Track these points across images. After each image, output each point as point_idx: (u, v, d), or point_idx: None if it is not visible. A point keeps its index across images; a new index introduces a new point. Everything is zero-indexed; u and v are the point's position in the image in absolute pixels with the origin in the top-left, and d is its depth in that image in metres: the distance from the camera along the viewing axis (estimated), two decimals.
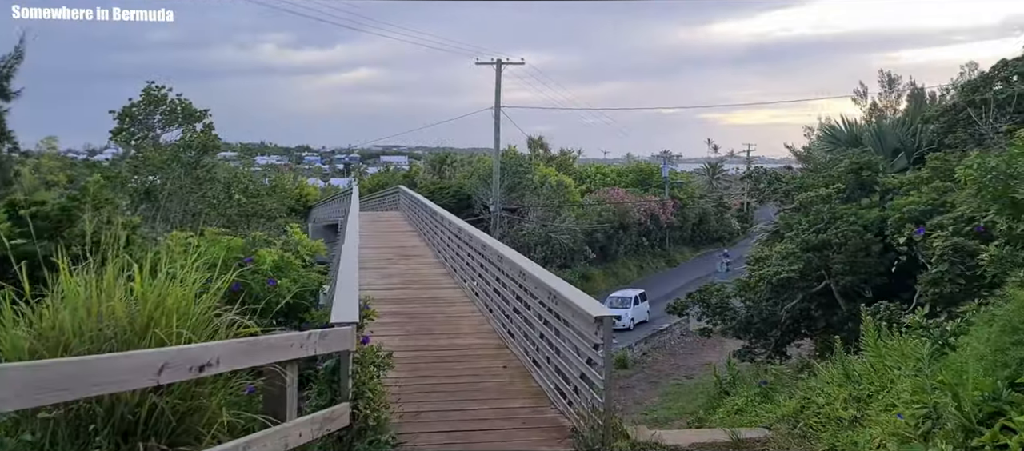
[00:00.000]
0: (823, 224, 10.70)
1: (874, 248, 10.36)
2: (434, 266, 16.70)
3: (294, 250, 8.61)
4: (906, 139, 14.91)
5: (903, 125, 15.20)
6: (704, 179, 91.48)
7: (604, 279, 53.85)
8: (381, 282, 14.53)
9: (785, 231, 12.10)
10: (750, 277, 11.76)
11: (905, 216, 9.49)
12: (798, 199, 11.44)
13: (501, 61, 38.51)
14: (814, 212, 11.00)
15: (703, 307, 13.47)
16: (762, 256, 11.45)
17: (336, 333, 5.20)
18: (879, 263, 10.39)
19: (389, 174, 66.27)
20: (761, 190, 15.00)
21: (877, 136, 15.61)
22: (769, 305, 11.99)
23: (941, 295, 8.36)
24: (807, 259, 10.63)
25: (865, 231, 10.50)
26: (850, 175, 11.48)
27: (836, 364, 6.46)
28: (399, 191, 33.72)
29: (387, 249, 19.74)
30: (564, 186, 53.54)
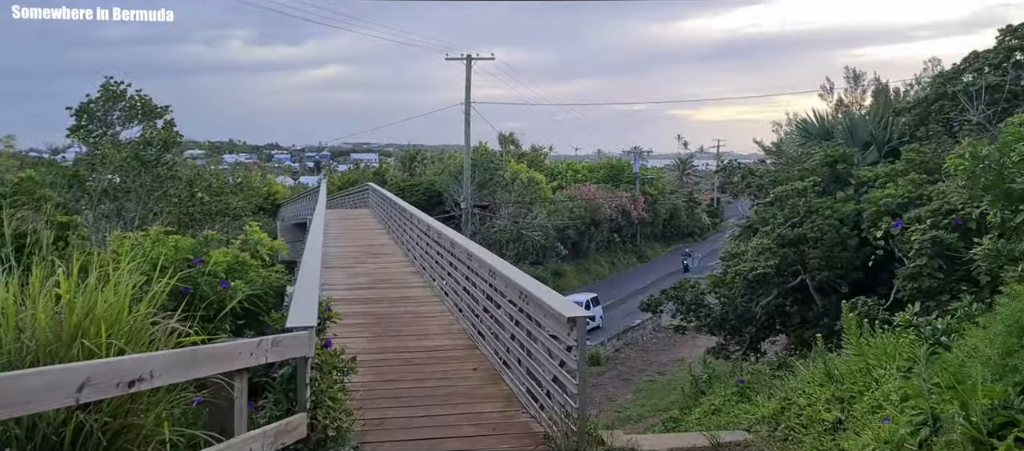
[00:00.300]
0: (799, 218, 10.53)
1: (850, 242, 10.19)
2: (403, 265, 16.33)
3: (253, 249, 8.21)
4: (877, 132, 14.84)
5: (874, 118, 15.12)
6: (674, 175, 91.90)
7: (576, 275, 53.79)
8: (348, 281, 14.15)
9: (760, 226, 11.92)
10: (725, 273, 11.55)
11: (882, 209, 9.34)
12: (774, 193, 11.25)
13: (471, 57, 38.13)
14: (790, 206, 10.83)
15: (677, 304, 13.25)
16: (738, 252, 11.24)
17: (291, 338, 4.84)
18: (855, 257, 10.24)
19: (359, 172, 65.52)
20: (734, 184, 14.82)
21: (848, 130, 15.51)
22: (744, 301, 11.81)
23: (920, 290, 8.20)
24: (783, 254, 10.45)
25: (841, 225, 10.34)
26: (825, 168, 11.33)
27: (817, 363, 6.22)
28: (368, 188, 33.25)
29: (355, 247, 19.32)
30: (535, 183, 53.29)
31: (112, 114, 23.06)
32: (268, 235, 19.08)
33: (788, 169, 12.57)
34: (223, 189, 24.95)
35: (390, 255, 17.91)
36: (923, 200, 8.99)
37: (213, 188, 24.21)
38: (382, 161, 74.37)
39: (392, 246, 19.44)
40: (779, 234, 10.62)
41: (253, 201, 50.37)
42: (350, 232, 23.30)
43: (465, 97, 37.86)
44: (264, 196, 52.17)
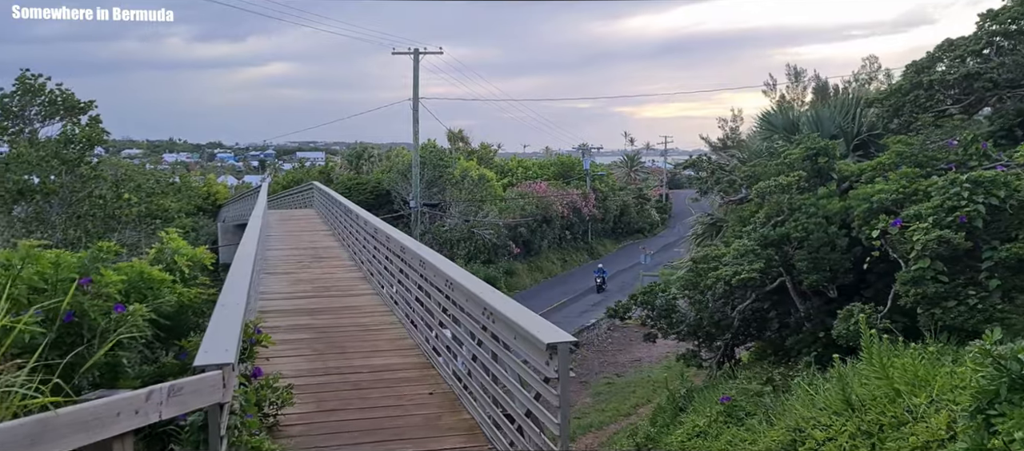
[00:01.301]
0: (782, 217, 9.75)
1: (839, 242, 9.45)
2: (349, 270, 15.19)
3: (169, 261, 7.05)
4: (845, 125, 14.25)
5: (841, 111, 14.53)
6: (622, 171, 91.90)
7: (528, 273, 52.98)
8: (289, 289, 12.98)
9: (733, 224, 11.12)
10: (699, 277, 10.74)
11: (874, 206, 8.61)
12: (756, 189, 10.45)
13: (419, 51, 36.89)
14: (772, 203, 10.05)
15: (647, 309, 12.40)
16: (716, 255, 10.39)
17: (198, 383, 3.76)
18: (845, 259, 9.50)
19: (304, 170, 63.56)
20: (702, 180, 14.05)
21: (815, 122, 14.88)
22: (719, 306, 11.03)
23: (924, 295, 7.48)
24: (767, 256, 9.68)
25: (828, 224, 9.60)
26: (805, 162, 10.60)
27: (830, 384, 5.36)
28: (313, 187, 31.84)
29: (299, 251, 18.07)
30: (486, 180, 52.29)
31: (30, 110, 21.29)
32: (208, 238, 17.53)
33: (763, 164, 11.81)
34: (154, 189, 23.34)
35: (335, 259, 16.73)
36: (918, 196, 8.30)
37: (143, 189, 22.58)
38: (328, 159, 72.42)
39: (338, 249, 18.25)
40: (761, 234, 9.83)
41: (192, 202, 48.33)
42: (293, 234, 21.99)
43: (413, 92, 36.66)
44: (204, 196, 50.06)
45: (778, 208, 10.02)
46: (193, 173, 64.23)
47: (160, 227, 23.13)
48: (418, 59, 36.48)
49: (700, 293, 11.38)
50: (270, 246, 18.67)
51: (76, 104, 21.64)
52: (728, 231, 13.40)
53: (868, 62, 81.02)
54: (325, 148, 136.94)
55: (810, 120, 14.88)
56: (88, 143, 21.11)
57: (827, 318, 9.44)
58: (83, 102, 21.89)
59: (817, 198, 10.00)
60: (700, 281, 11.01)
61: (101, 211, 19.68)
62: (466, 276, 7.24)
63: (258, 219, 14.15)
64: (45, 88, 21.25)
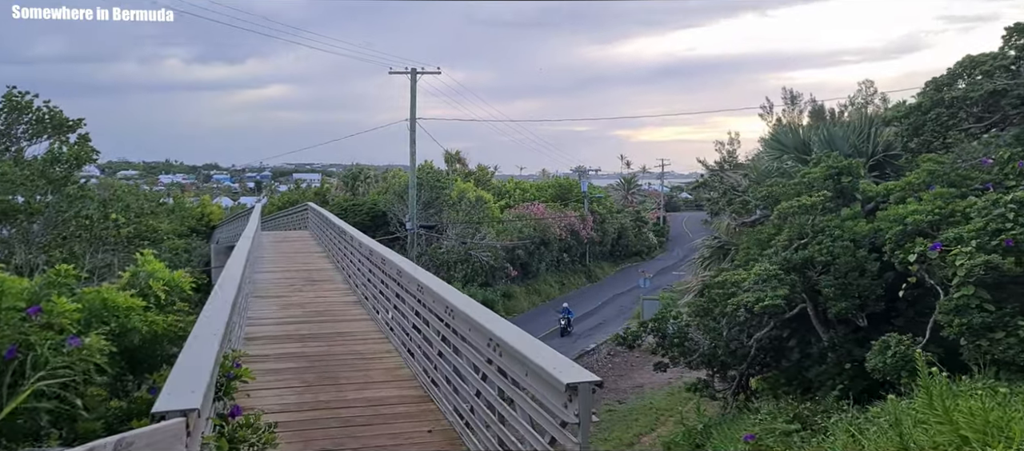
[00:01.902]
0: (805, 239, 9.16)
1: (870, 267, 8.87)
2: (344, 294, 14.56)
3: (143, 286, 6.44)
4: (860, 144, 13.72)
5: (855, 130, 14.01)
6: (619, 194, 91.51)
7: (526, 296, 52.30)
8: (279, 314, 12.35)
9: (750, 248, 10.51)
10: (713, 303, 10.14)
11: (909, 228, 8.03)
12: (777, 210, 9.87)
13: (416, 70, 36.49)
14: (794, 225, 9.46)
15: (658, 338, 11.78)
16: (736, 279, 9.77)
17: (152, 435, 3.14)
18: (876, 285, 8.91)
19: (300, 192, 62.99)
20: (713, 201, 13.48)
21: (827, 142, 14.36)
22: (735, 334, 10.42)
23: (968, 326, 6.89)
24: (791, 281, 9.09)
25: (855, 247, 9.02)
26: (827, 182, 10.03)
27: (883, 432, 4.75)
28: (308, 209, 31.24)
29: (292, 273, 17.43)
30: (483, 202, 51.77)
31: (16, 128, 20.70)
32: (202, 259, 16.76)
33: (780, 184, 11.23)
34: (143, 210, 22.68)
35: (329, 282, 16.10)
36: (957, 218, 7.73)
37: (132, 209, 21.92)
38: (324, 181, 71.86)
39: (332, 272, 17.63)
40: (784, 258, 9.25)
41: (186, 223, 47.67)
42: (286, 256, 21.36)
43: (410, 112, 36.17)
44: (197, 218, 49.37)
45: (800, 230, 9.44)
46: (188, 194, 63.59)
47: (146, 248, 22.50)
48: (416, 79, 36.06)
49: (713, 320, 10.78)
50: (262, 268, 18.05)
51: (64, 122, 21.06)
52: (739, 254, 12.81)
53: (864, 86, 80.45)
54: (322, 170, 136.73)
55: (822, 140, 14.36)
56: (76, 162, 20.50)
57: (854, 348, 8.86)
58: (72, 120, 21.31)
59: (842, 220, 9.43)
60: (714, 307, 10.40)
61: (87, 232, 19.03)
62: (468, 302, 6.63)
63: (247, 240, 13.53)
64: (32, 106, 20.68)
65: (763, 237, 10.56)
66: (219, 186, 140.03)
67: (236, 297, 7.46)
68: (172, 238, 30.79)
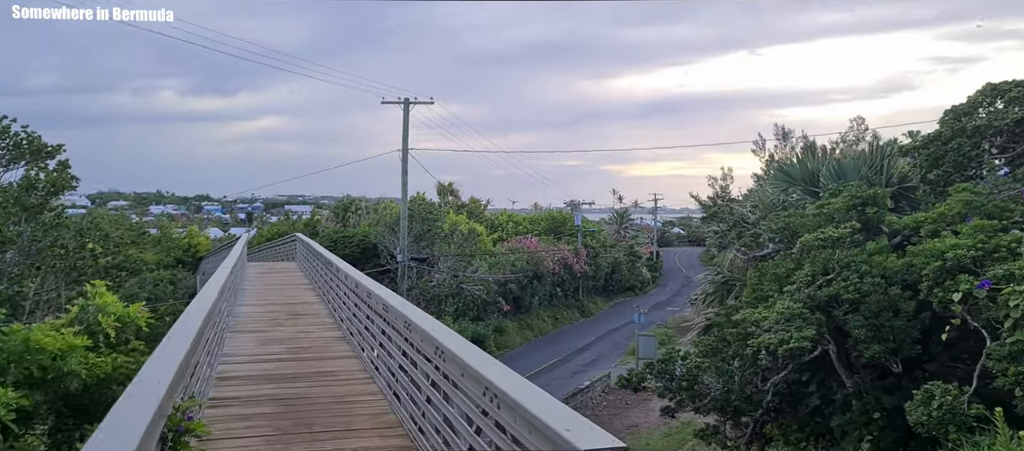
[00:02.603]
0: (829, 275, 8.44)
1: (904, 306, 8.13)
2: (328, 328, 13.76)
3: (92, 321, 5.67)
4: (872, 176, 13.11)
5: (867, 161, 13.41)
6: (612, 228, 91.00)
7: (519, 332, 51.38)
8: (257, 350, 11.53)
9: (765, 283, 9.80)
10: (724, 343, 9.38)
11: (948, 264, 7.33)
12: (800, 243, 9.17)
13: (409, 100, 35.93)
14: (818, 259, 8.72)
15: (664, 380, 10.98)
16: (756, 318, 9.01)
17: None
18: (911, 326, 8.16)
19: (289, 223, 62.12)
20: (721, 234, 12.78)
21: (836, 173, 13.76)
22: (749, 376, 9.65)
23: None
24: (816, 321, 8.36)
25: (886, 284, 8.30)
26: (850, 212, 9.35)
27: None
28: (296, 239, 30.44)
29: (274, 307, 16.61)
30: (476, 234, 51.06)
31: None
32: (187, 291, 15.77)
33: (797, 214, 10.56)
34: (123, 239, 21.85)
35: (313, 316, 15.29)
36: (1002, 252, 7.05)
37: (111, 238, 21.10)
38: (314, 212, 71.04)
39: (317, 305, 16.82)
40: (807, 295, 8.53)
41: (172, 254, 46.71)
42: (271, 288, 20.54)
43: (402, 142, 35.55)
44: (184, 248, 48.41)
45: (825, 265, 8.72)
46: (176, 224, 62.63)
47: (124, 280, 21.67)
48: (408, 109, 35.51)
49: (724, 361, 10.02)
50: (243, 300, 17.25)
51: (42, 147, 20.30)
52: (747, 291, 12.09)
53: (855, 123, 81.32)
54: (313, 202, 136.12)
55: (832, 171, 13.75)
56: (53, 189, 19.72)
57: (883, 395, 8.11)
58: (51, 146, 20.57)
59: (868, 254, 8.74)
60: (725, 347, 9.66)
61: (62, 261, 18.20)
62: (461, 343, 5.88)
63: (226, 270, 12.74)
64: (9, 130, 19.94)
65: (780, 272, 9.83)
66: (210, 217, 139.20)
67: (200, 334, 6.67)
68: (158, 269, 29.85)
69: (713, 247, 15.50)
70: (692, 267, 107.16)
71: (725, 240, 13.10)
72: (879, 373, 8.81)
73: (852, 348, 8.49)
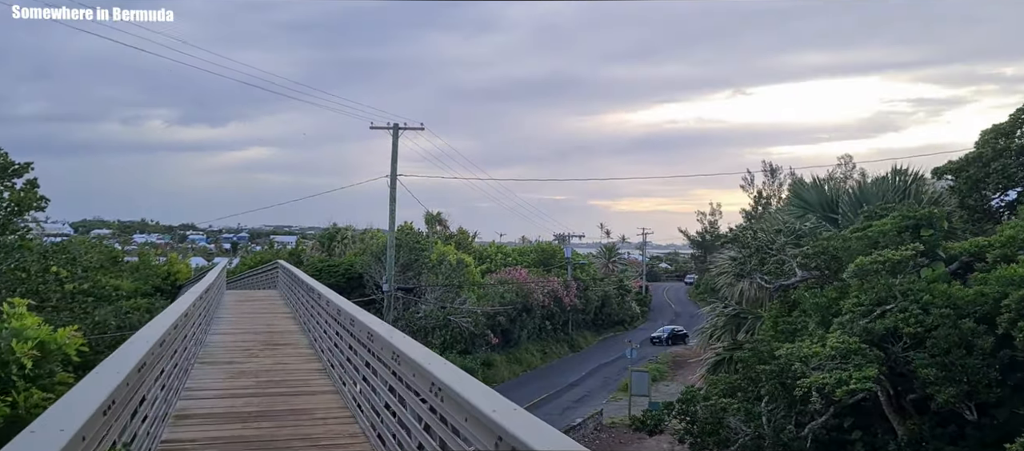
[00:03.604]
0: (889, 305, 7.35)
1: (980, 342, 7.03)
2: (307, 360, 12.57)
3: (4, 348, 4.53)
4: (897, 201, 12.13)
5: (888, 185, 12.46)
6: (601, 262, 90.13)
7: (507, 365, 50.06)
8: (226, 384, 10.33)
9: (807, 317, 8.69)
10: (752, 383, 8.27)
11: None
12: (854, 266, 8.09)
13: (399, 126, 34.95)
14: (876, 287, 7.62)
15: (685, 422, 9.81)
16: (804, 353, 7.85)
17: None
18: (988, 366, 7.05)
19: (273, 252, 60.76)
20: (740, 262, 11.72)
21: (857, 199, 12.79)
22: (780, 419, 8.50)
23: None
24: (875, 357, 7.27)
25: (956, 315, 7.21)
26: (903, 235, 8.30)
27: None
28: (278, 267, 29.20)
29: (250, 336, 15.39)
30: (464, 265, 49.86)
31: None
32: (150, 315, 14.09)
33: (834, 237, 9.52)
34: (91, 264, 20.58)
35: (292, 346, 14.10)
36: None
37: (79, 263, 19.83)
38: (299, 241, 69.65)
39: (297, 334, 15.62)
40: (863, 327, 7.45)
41: (150, 282, 45.23)
42: (248, 316, 19.30)
43: (391, 168, 34.48)
44: (163, 276, 46.93)
45: (881, 293, 7.65)
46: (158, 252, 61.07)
47: (92, 306, 20.37)
48: (397, 134, 34.52)
49: (748, 401, 8.90)
50: (217, 329, 16.03)
51: (9, 165, 19.11)
52: (766, 324, 11.02)
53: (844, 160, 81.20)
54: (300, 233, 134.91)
55: (853, 198, 12.77)
56: (17, 208, 18.49)
57: (946, 447, 7.01)
58: (18, 163, 19.39)
59: (926, 281, 7.69)
60: (751, 386, 8.55)
61: (23, 286, 16.91)
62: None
63: (193, 294, 11.59)
64: None
65: (822, 302, 8.74)
66: (194, 247, 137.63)
67: (145, 365, 5.53)
68: (135, 298, 28.50)
69: (728, 276, 14.33)
70: (680, 302, 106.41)
71: (745, 268, 12.02)
72: (938, 419, 7.72)
73: (908, 389, 7.41)
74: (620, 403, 38.17)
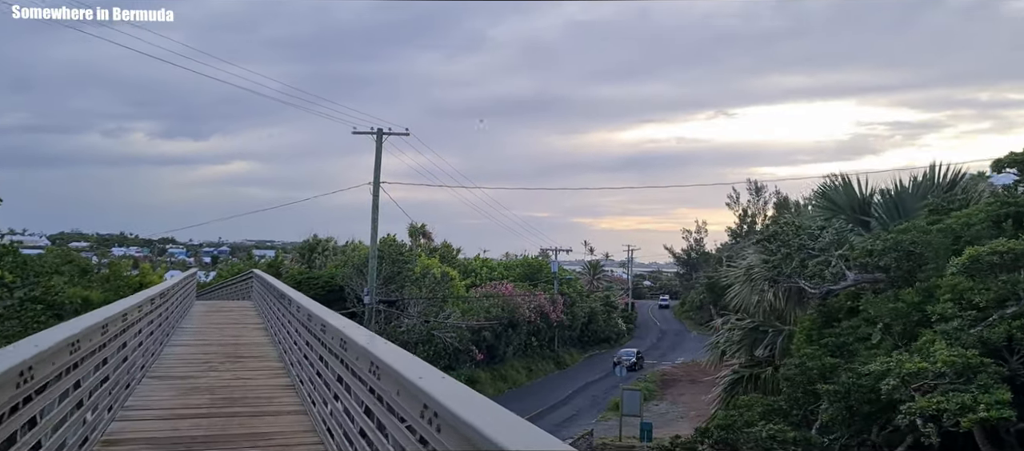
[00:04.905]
0: (1006, 310, 5.98)
1: None
2: (274, 375, 11.03)
3: None
4: (940, 203, 10.83)
5: (933, 186, 11.16)
6: (586, 279, 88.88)
7: (492, 383, 48.40)
8: (175, 403, 8.79)
9: (877, 327, 7.31)
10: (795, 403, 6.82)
11: None
12: (967, 255, 6.72)
13: (383, 131, 33.46)
14: (998, 285, 6.19)
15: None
16: (912, 369, 6.40)
17: None
18: None
19: (251, 263, 58.87)
20: (773, 265, 10.27)
21: (893, 203, 11.49)
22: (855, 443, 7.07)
23: None
24: (995, 373, 5.88)
25: None
26: (1002, 225, 6.95)
27: None
28: (252, 276, 27.53)
29: (213, 348, 13.81)
30: (449, 278, 48.29)
31: None
32: None
33: (918, 228, 8.14)
34: (43, 269, 18.89)
35: (258, 359, 12.56)
36: None
37: (29, 267, 18.14)
38: (279, 253, 67.75)
39: (266, 347, 14.06)
40: (978, 337, 6.03)
41: (121, 293, 43.30)
42: (215, 327, 17.69)
43: (374, 174, 32.96)
44: (134, 288, 44.92)
45: (1003, 292, 6.25)
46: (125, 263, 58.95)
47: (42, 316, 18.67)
48: (381, 139, 33.04)
49: (792, 423, 7.46)
50: (178, 340, 14.45)
51: None
52: (800, 336, 9.61)
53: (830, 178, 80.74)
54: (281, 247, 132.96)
55: (888, 200, 11.45)
56: None
57: None
58: None
59: None
60: (795, 407, 7.13)
61: None
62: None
63: (142, 296, 10.05)
64: None
65: (900, 308, 7.29)
66: (174, 260, 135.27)
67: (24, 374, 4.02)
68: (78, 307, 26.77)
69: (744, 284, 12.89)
70: (665, 320, 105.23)
71: (782, 270, 10.58)
72: None
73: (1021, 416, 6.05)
74: (610, 423, 36.63)
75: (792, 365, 8.18)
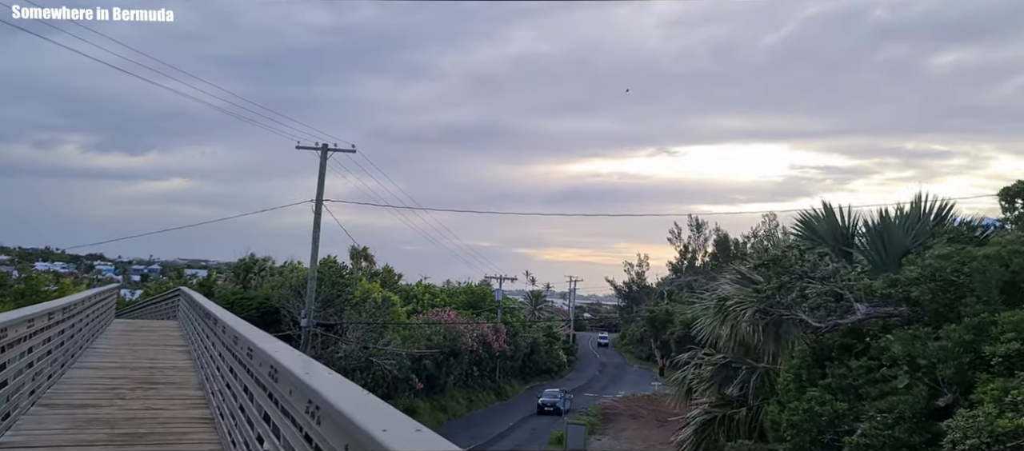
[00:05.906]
0: None
1: None
2: (191, 405, 9.57)
3: None
4: (925, 238, 10.12)
5: (915, 216, 10.46)
6: (528, 309, 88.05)
7: (431, 413, 46.70)
8: (65, 437, 7.33)
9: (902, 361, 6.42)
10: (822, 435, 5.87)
11: None
12: None
13: (327, 147, 31.98)
14: None
15: None
16: (1002, 429, 5.46)
17: None
18: None
19: (182, 281, 56.10)
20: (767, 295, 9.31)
21: (879, 235, 10.74)
22: None
23: None
24: None
25: None
26: None
27: None
28: (179, 294, 25.64)
29: (124, 372, 12.22)
30: (390, 303, 46.66)
31: None
32: None
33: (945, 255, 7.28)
34: None
35: (175, 386, 11.04)
36: None
37: None
38: (211, 272, 64.90)
39: (187, 372, 12.54)
40: None
41: None
42: (131, 348, 15.96)
43: (317, 190, 31.38)
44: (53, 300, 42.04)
45: None
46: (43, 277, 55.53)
47: None
48: (326, 155, 31.54)
49: None
50: (85, 362, 12.82)
51: None
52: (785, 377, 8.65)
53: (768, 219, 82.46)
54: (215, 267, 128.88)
55: (874, 232, 10.68)
56: None
57: None
58: None
59: None
60: None
61: None
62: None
63: (37, 309, 8.54)
64: None
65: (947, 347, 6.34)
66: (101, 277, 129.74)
67: None
68: None
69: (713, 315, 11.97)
70: (604, 352, 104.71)
71: (776, 300, 9.59)
72: None
73: None
74: None
75: (798, 410, 7.21)
